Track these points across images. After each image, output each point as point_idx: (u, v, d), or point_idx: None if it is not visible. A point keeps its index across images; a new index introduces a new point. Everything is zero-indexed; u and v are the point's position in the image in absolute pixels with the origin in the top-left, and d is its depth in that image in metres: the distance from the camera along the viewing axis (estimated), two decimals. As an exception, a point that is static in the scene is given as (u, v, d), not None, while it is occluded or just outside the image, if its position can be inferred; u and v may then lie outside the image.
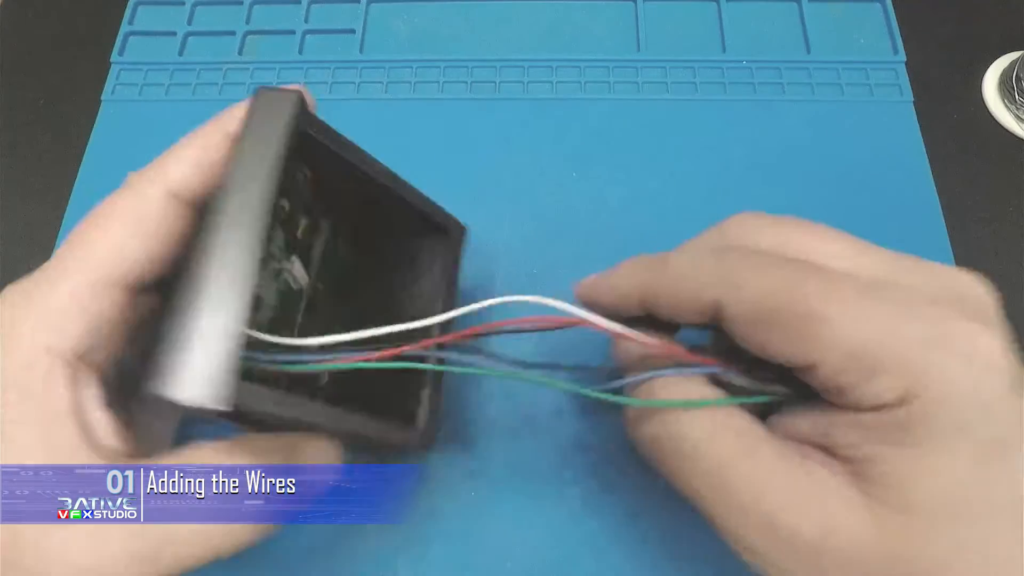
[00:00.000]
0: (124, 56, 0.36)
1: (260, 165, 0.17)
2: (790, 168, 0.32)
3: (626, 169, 0.32)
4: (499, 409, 0.27)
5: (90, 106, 0.34)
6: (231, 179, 0.17)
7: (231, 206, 0.17)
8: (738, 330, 0.18)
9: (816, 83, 0.34)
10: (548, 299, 0.19)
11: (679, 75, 0.35)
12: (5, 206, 0.32)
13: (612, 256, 0.30)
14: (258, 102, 0.18)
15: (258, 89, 0.18)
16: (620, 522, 0.26)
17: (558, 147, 0.33)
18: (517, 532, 0.26)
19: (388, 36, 0.36)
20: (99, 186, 0.32)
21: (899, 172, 0.27)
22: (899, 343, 0.15)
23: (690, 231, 0.31)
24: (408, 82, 0.35)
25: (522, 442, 0.27)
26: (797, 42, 0.36)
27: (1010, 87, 0.33)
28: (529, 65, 0.35)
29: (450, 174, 0.25)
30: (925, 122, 0.33)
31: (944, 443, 0.15)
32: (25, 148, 0.34)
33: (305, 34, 0.36)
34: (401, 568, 0.25)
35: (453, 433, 0.27)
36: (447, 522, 0.26)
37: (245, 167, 0.17)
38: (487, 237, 0.31)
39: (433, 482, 0.26)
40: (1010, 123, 0.33)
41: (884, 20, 0.36)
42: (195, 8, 0.37)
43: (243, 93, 0.35)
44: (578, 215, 0.31)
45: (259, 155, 0.17)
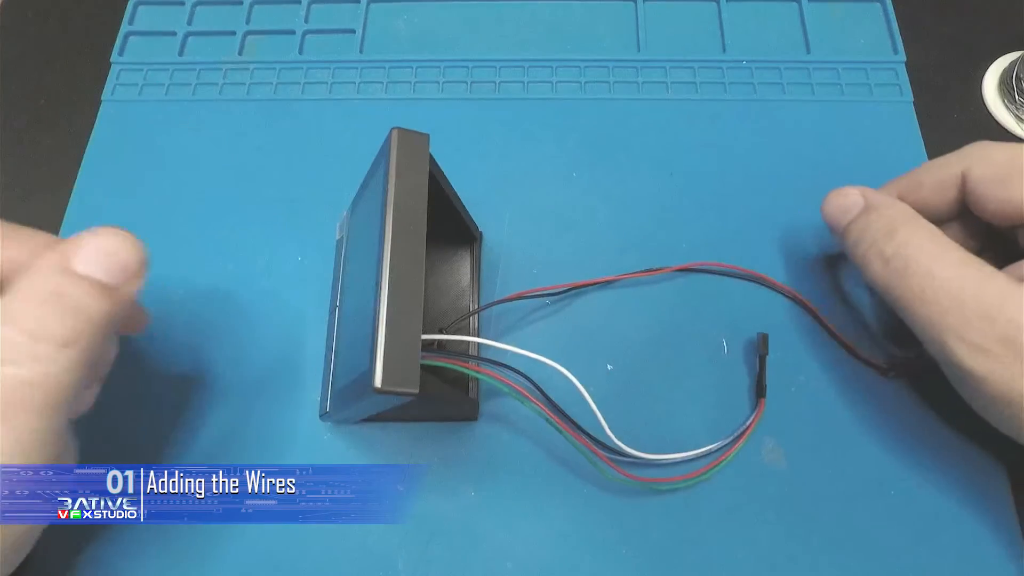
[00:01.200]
0: (124, 56, 0.36)
1: (415, 195, 0.21)
2: (790, 168, 0.32)
3: (626, 169, 0.32)
4: (499, 409, 0.28)
5: (90, 106, 0.34)
6: (395, 206, 0.21)
7: (399, 228, 0.21)
8: (982, 190, 0.24)
9: (816, 83, 0.34)
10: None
11: (679, 75, 0.35)
12: (5, 206, 0.32)
13: (612, 256, 0.30)
14: (401, 141, 0.22)
15: (393, 130, 0.22)
16: (620, 522, 0.26)
17: (558, 147, 0.33)
18: (517, 532, 0.26)
19: (388, 36, 0.36)
20: (99, 186, 0.32)
21: (899, 172, 0.27)
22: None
23: (690, 231, 0.31)
24: (408, 82, 0.35)
25: (522, 442, 0.27)
26: (797, 42, 0.36)
27: (1010, 87, 0.33)
28: (529, 65, 0.35)
29: (450, 174, 0.25)
30: (925, 122, 0.33)
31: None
32: (25, 148, 0.34)
33: (305, 34, 0.36)
34: (401, 568, 0.25)
35: (454, 433, 0.27)
36: (447, 522, 0.26)
37: (402, 196, 0.21)
38: (487, 237, 0.31)
39: (433, 482, 0.26)
40: (1010, 123, 0.33)
41: (884, 20, 0.36)
42: (195, 8, 0.37)
43: (243, 93, 0.35)
44: (578, 215, 0.31)
45: (411, 185, 0.21)
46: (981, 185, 0.24)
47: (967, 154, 0.25)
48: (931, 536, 0.25)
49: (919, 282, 0.22)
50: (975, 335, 0.21)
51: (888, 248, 0.23)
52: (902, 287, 0.23)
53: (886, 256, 0.23)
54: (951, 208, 0.25)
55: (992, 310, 0.21)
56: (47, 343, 0.18)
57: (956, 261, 0.22)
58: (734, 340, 0.29)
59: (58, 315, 0.18)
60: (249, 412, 0.28)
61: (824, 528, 0.26)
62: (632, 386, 0.28)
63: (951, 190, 0.25)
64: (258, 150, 0.33)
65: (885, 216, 0.24)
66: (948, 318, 0.21)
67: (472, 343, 0.28)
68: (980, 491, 0.26)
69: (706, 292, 0.30)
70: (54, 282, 0.19)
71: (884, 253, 0.23)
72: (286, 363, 0.28)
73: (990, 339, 0.21)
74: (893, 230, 0.24)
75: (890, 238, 0.24)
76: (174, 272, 0.30)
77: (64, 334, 0.18)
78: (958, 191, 0.25)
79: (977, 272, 0.22)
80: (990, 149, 0.24)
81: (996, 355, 0.21)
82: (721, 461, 0.26)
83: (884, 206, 0.25)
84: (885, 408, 0.27)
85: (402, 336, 0.19)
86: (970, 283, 0.21)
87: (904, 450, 0.27)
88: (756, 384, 0.28)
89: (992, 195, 0.24)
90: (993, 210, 0.24)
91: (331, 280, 0.29)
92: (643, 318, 0.29)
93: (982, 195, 0.24)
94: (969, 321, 0.21)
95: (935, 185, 0.25)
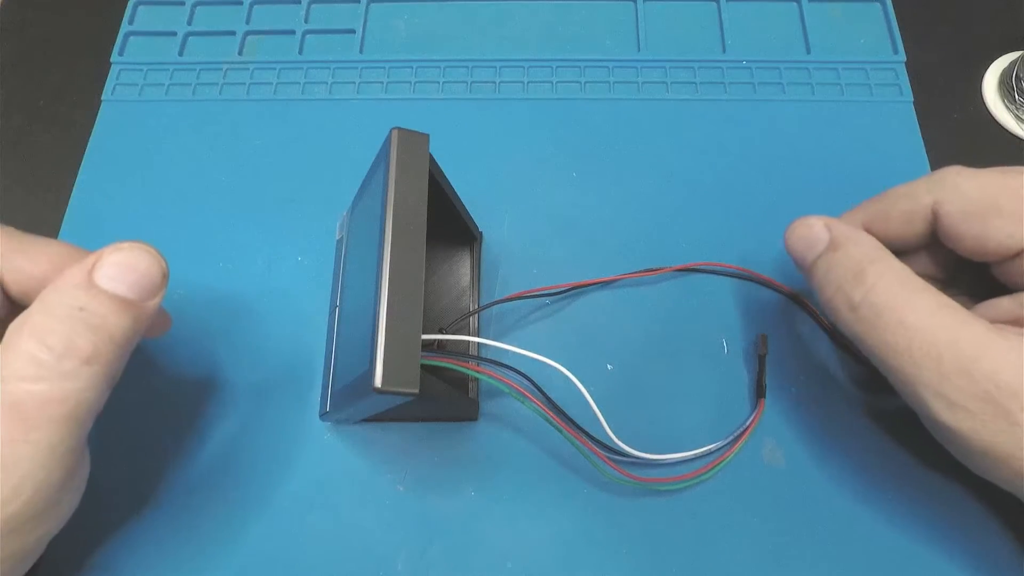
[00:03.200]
0: (124, 56, 0.36)
1: (415, 195, 0.21)
2: (790, 168, 0.32)
3: (626, 169, 0.32)
4: (499, 409, 0.28)
5: (90, 106, 0.34)
6: (395, 206, 0.21)
7: (399, 228, 0.20)
8: (955, 225, 0.22)
9: (816, 83, 0.34)
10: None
11: (679, 75, 0.35)
12: (5, 206, 0.32)
13: (612, 256, 0.30)
14: (401, 141, 0.22)
15: (393, 130, 0.22)
16: (620, 522, 0.26)
17: (558, 147, 0.33)
18: (517, 532, 0.26)
19: (388, 36, 0.36)
20: (99, 186, 0.32)
21: (899, 172, 0.27)
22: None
23: (690, 231, 0.31)
24: (408, 82, 0.35)
25: (522, 442, 0.27)
26: (797, 42, 0.36)
27: (1010, 87, 0.33)
28: (529, 65, 0.35)
29: (450, 174, 0.25)
30: (925, 122, 0.33)
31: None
32: (25, 148, 0.34)
33: (305, 34, 0.36)
34: (401, 568, 0.25)
35: (454, 433, 0.27)
36: (447, 522, 0.26)
37: (402, 196, 0.21)
38: (487, 237, 0.31)
39: (433, 482, 0.26)
40: (1010, 123, 0.33)
41: (884, 20, 0.36)
42: (195, 8, 0.37)
43: (243, 93, 0.35)
44: (578, 215, 0.31)
45: (411, 185, 0.21)
46: (955, 221, 0.22)
47: (937, 184, 0.23)
48: (931, 536, 0.25)
49: (891, 333, 0.21)
50: (953, 392, 0.20)
51: (856, 294, 0.22)
52: (872, 338, 0.21)
53: (854, 303, 0.22)
54: (920, 239, 0.24)
55: (969, 364, 0.19)
56: (71, 360, 0.18)
57: (929, 308, 0.21)
58: (734, 340, 0.29)
59: (82, 332, 0.18)
60: (249, 412, 0.28)
61: (824, 528, 0.25)
62: (632, 386, 0.28)
63: (920, 223, 0.23)
64: (258, 150, 0.33)
65: (851, 255, 0.22)
66: (924, 373, 0.20)
67: (472, 343, 0.28)
68: (980, 493, 0.26)
69: (706, 292, 0.30)
70: (78, 298, 0.19)
71: (852, 300, 0.22)
72: (286, 363, 0.28)
73: (968, 396, 0.19)
74: (860, 272, 0.22)
75: (858, 282, 0.22)
76: (174, 272, 0.30)
77: (88, 351, 0.18)
78: (928, 224, 0.23)
79: (952, 319, 0.20)
80: (961, 180, 0.22)
81: (977, 413, 0.19)
82: (721, 461, 0.26)
83: (850, 243, 0.23)
84: (885, 408, 0.27)
85: (402, 336, 0.19)
86: (944, 333, 0.20)
87: (904, 450, 0.27)
88: (756, 384, 0.28)
89: (966, 231, 0.22)
90: (969, 247, 0.22)
91: (331, 280, 0.29)
92: (643, 318, 0.29)
93: (956, 231, 0.22)
94: (946, 377, 0.20)
95: (903, 217, 0.24)
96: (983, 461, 0.21)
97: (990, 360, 0.19)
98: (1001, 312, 0.22)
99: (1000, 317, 0.22)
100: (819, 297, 0.23)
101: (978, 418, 0.19)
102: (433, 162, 0.23)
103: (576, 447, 0.24)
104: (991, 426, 0.19)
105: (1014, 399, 0.19)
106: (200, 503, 0.26)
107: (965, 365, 0.19)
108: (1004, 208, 0.21)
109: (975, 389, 0.19)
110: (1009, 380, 0.19)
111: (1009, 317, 0.22)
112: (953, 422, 0.20)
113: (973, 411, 0.20)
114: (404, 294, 0.20)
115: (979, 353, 0.19)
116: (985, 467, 0.21)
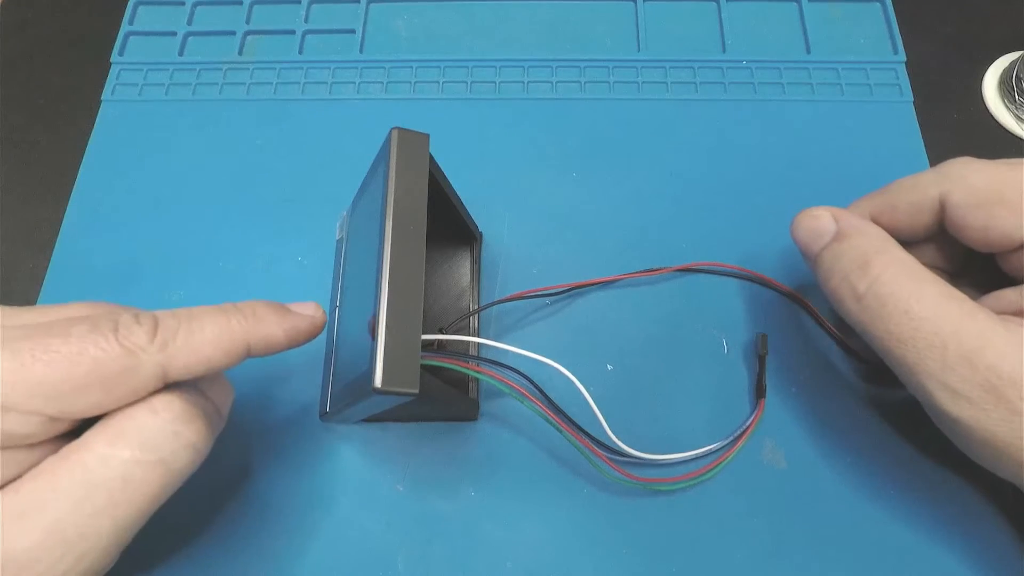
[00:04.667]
0: (124, 56, 0.36)
1: (415, 195, 0.21)
2: (790, 168, 0.32)
3: (626, 169, 0.32)
4: (499, 409, 0.28)
5: (90, 106, 0.34)
6: (395, 206, 0.21)
7: (399, 228, 0.20)
8: (961, 216, 0.22)
9: (816, 83, 0.34)
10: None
11: (679, 75, 0.35)
12: (5, 206, 0.32)
13: (612, 256, 0.30)
14: (401, 141, 0.22)
15: (393, 130, 0.22)
16: (620, 522, 0.26)
17: (558, 147, 0.33)
18: (517, 532, 0.26)
19: (388, 36, 0.36)
20: (99, 186, 0.32)
21: (899, 172, 0.26)
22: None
23: (690, 231, 0.31)
24: (408, 82, 0.35)
25: (522, 442, 0.27)
26: (797, 42, 0.36)
27: (1010, 87, 0.33)
28: (529, 65, 0.35)
29: (450, 174, 0.25)
30: (925, 122, 0.33)
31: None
32: (25, 148, 0.34)
33: (305, 34, 0.36)
34: (401, 568, 0.25)
35: (454, 433, 0.27)
36: (447, 522, 0.26)
37: (402, 196, 0.21)
38: (487, 237, 0.31)
39: (433, 482, 0.26)
40: (1010, 123, 0.33)
41: (884, 20, 0.36)
42: (195, 8, 0.37)
43: (243, 93, 0.35)
44: (578, 215, 0.31)
45: (411, 185, 0.21)
46: (961, 212, 0.22)
47: (945, 176, 0.23)
48: (931, 536, 0.25)
49: (895, 323, 0.21)
50: (956, 381, 0.20)
51: (861, 284, 0.22)
52: (877, 327, 0.21)
53: (859, 293, 0.22)
54: (927, 230, 0.24)
55: (972, 353, 0.20)
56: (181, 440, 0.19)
57: (934, 298, 0.21)
58: (734, 340, 0.29)
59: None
60: (249, 412, 0.28)
61: (824, 528, 0.25)
62: (632, 386, 0.28)
63: (927, 214, 0.24)
64: (258, 150, 0.33)
65: (857, 246, 0.23)
66: (927, 362, 0.20)
67: (472, 343, 0.28)
68: (981, 491, 0.26)
69: (706, 292, 0.30)
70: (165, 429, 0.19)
71: (857, 289, 0.22)
72: (286, 363, 0.28)
73: (972, 385, 0.20)
74: (866, 262, 0.22)
75: (863, 272, 0.22)
76: (173, 272, 0.30)
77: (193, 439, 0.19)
78: (935, 215, 0.23)
79: (957, 310, 0.20)
80: (969, 171, 0.23)
81: (979, 402, 0.20)
82: (721, 461, 0.26)
83: (856, 233, 0.23)
84: (885, 408, 0.27)
85: (402, 336, 0.19)
86: (949, 323, 0.20)
87: (904, 450, 0.27)
88: (756, 384, 0.28)
89: (973, 222, 0.22)
90: (975, 237, 0.23)
91: (331, 280, 0.29)
92: (643, 318, 0.29)
93: (963, 222, 0.23)
94: (950, 366, 0.20)
95: (910, 208, 0.24)
96: (984, 451, 0.21)
97: (993, 350, 0.20)
98: (1006, 303, 0.23)
99: (1005, 308, 0.22)
100: (824, 287, 0.24)
101: (980, 407, 0.20)
102: (433, 162, 0.23)
103: (576, 447, 0.24)
104: (993, 415, 0.20)
105: (1015, 389, 0.19)
106: (199, 503, 0.26)
107: (968, 355, 0.20)
108: (1010, 200, 0.22)
109: (977, 378, 0.20)
110: (1011, 370, 0.19)
111: (1014, 308, 0.22)
112: (955, 411, 0.20)
113: (975, 400, 0.20)
114: (404, 294, 0.20)
115: (982, 343, 0.20)
116: (986, 457, 0.21)
